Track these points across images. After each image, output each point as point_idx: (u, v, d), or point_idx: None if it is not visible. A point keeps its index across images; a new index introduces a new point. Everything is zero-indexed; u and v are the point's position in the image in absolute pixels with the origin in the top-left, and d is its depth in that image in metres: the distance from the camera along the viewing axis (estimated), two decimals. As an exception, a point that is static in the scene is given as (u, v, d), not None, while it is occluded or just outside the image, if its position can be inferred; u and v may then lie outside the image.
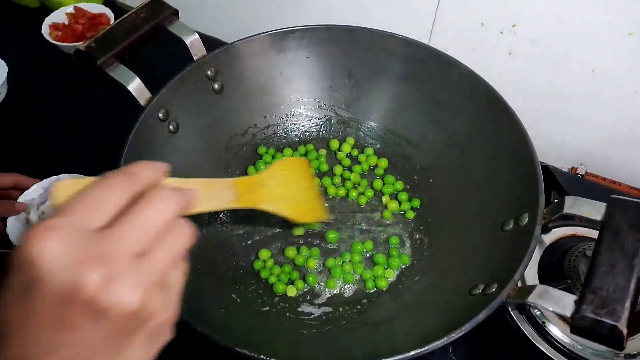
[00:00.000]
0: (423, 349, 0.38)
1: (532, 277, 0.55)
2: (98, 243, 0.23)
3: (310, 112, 0.67)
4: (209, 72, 0.58)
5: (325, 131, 0.67)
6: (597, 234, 0.39)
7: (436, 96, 0.60)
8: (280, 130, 0.67)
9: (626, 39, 0.57)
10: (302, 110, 0.67)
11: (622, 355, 0.50)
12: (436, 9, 0.66)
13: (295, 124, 0.67)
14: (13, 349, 0.23)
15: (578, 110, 0.66)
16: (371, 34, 0.60)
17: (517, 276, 0.41)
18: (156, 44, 0.55)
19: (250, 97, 0.63)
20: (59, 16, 0.83)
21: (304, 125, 0.67)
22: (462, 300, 0.46)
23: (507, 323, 0.52)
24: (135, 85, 0.51)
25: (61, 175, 0.60)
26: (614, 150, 0.68)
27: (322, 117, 0.67)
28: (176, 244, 0.27)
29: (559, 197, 0.56)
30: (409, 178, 0.63)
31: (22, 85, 0.78)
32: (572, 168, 0.70)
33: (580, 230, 0.59)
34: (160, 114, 0.53)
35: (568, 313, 0.36)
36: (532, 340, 0.51)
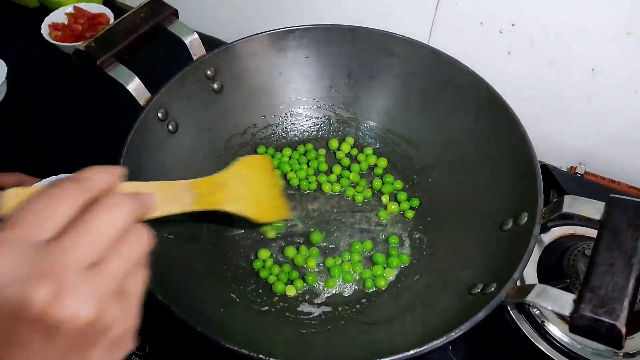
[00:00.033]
0: (422, 348, 0.38)
1: (531, 276, 0.55)
2: (46, 255, 0.22)
3: (309, 112, 0.67)
4: (208, 72, 0.58)
5: (324, 131, 0.67)
6: (596, 233, 0.39)
7: (435, 96, 0.60)
8: (280, 130, 0.67)
9: (625, 38, 0.57)
10: (302, 109, 0.67)
11: (621, 354, 0.50)
12: (435, 9, 0.66)
13: (294, 124, 0.67)
14: None
15: (577, 109, 0.66)
16: (371, 34, 0.60)
17: (516, 275, 0.41)
18: (156, 44, 0.55)
19: (249, 97, 0.63)
20: (58, 16, 0.83)
21: (303, 125, 0.67)
22: (461, 300, 0.46)
23: (506, 322, 0.52)
24: (134, 85, 0.51)
25: (60, 175, 0.60)
26: (614, 149, 0.68)
27: (321, 117, 0.67)
28: (133, 251, 0.26)
29: (558, 197, 0.56)
30: (408, 177, 0.63)
31: (21, 85, 0.78)
32: (571, 167, 0.70)
33: (579, 230, 0.59)
34: (159, 114, 0.53)
35: (567, 312, 0.36)
36: (532, 339, 0.51)
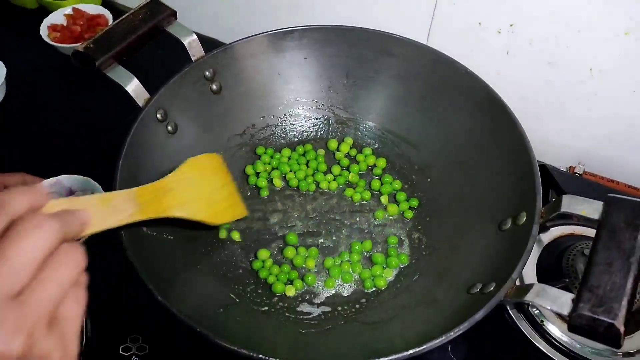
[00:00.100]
0: (421, 348, 0.38)
1: (530, 276, 0.55)
2: None
3: (308, 113, 0.67)
4: (207, 73, 0.58)
5: (323, 131, 0.68)
6: (595, 233, 0.39)
7: (434, 96, 0.60)
8: (279, 131, 0.67)
9: (623, 38, 0.57)
10: (301, 110, 0.67)
11: (621, 353, 0.50)
12: (434, 9, 0.66)
13: (293, 124, 0.67)
14: None
15: (576, 109, 0.66)
16: (369, 34, 0.60)
17: (515, 275, 0.41)
18: (154, 45, 0.55)
19: (248, 98, 0.63)
20: (57, 17, 0.83)
21: (302, 126, 0.67)
22: (460, 299, 0.46)
23: (505, 322, 0.53)
24: (133, 86, 0.51)
25: (60, 177, 0.60)
26: (612, 149, 0.69)
27: (320, 117, 0.67)
28: (63, 274, 0.24)
29: (556, 196, 0.56)
30: (407, 178, 0.63)
31: (20, 86, 0.78)
32: (570, 167, 0.70)
33: (578, 229, 0.59)
34: (158, 115, 0.54)
35: (565, 311, 0.36)
36: (531, 339, 0.51)
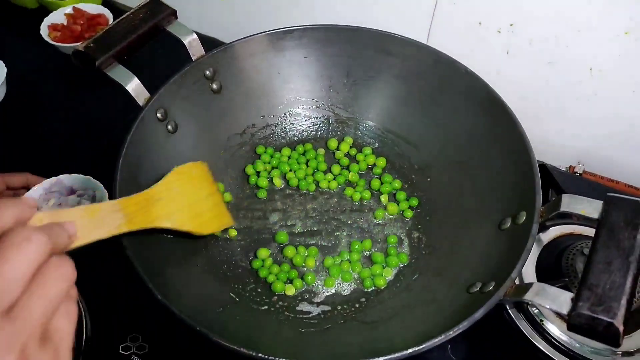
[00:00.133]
0: (421, 347, 0.38)
1: (530, 275, 0.55)
2: None
3: (308, 112, 0.67)
4: (207, 72, 0.58)
5: (323, 131, 0.68)
6: (594, 232, 0.39)
7: (434, 95, 0.60)
8: (279, 130, 0.67)
9: (623, 38, 0.57)
10: (301, 109, 0.67)
11: (620, 352, 0.50)
12: (434, 9, 0.66)
13: (293, 124, 0.67)
14: None
15: (576, 109, 0.66)
16: (369, 34, 0.60)
17: (514, 274, 0.41)
18: (155, 45, 0.55)
19: (248, 97, 0.63)
20: (57, 17, 0.83)
21: (302, 125, 0.67)
22: (460, 298, 0.46)
23: (505, 321, 0.53)
24: (133, 86, 0.51)
25: (61, 176, 0.60)
26: (612, 148, 0.69)
27: (320, 117, 0.67)
28: (53, 287, 0.24)
29: (556, 196, 0.56)
30: (407, 177, 0.63)
31: (20, 85, 0.78)
32: (569, 167, 0.70)
33: (577, 229, 0.59)
34: (158, 114, 0.54)
35: (565, 310, 0.36)
36: (530, 338, 0.51)
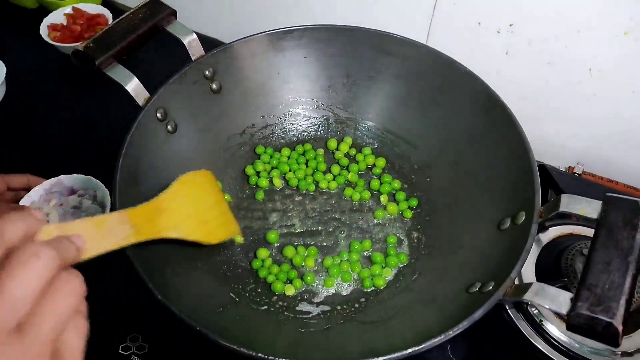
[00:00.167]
0: (420, 347, 0.38)
1: (529, 276, 0.55)
2: None
3: (308, 112, 0.67)
4: (207, 72, 0.58)
5: (323, 131, 0.68)
6: (593, 232, 0.39)
7: (434, 96, 0.60)
8: (279, 130, 0.67)
9: (622, 38, 0.57)
10: (300, 110, 0.67)
11: (619, 353, 0.50)
12: (433, 9, 0.66)
13: (293, 124, 0.67)
14: None
15: (575, 109, 0.66)
16: (369, 34, 0.60)
17: (513, 274, 0.41)
18: (154, 44, 0.55)
19: (248, 97, 0.63)
20: (57, 17, 0.83)
21: (302, 125, 0.67)
22: (459, 299, 0.46)
23: (505, 322, 0.53)
24: (133, 85, 0.51)
25: (61, 177, 0.60)
26: (611, 149, 0.69)
27: (320, 117, 0.67)
28: (63, 303, 0.24)
29: (555, 196, 0.57)
30: (407, 177, 0.63)
31: (20, 85, 0.78)
32: (569, 167, 0.70)
33: (577, 229, 0.59)
34: (158, 114, 0.54)
35: (564, 310, 0.36)
36: (530, 338, 0.51)
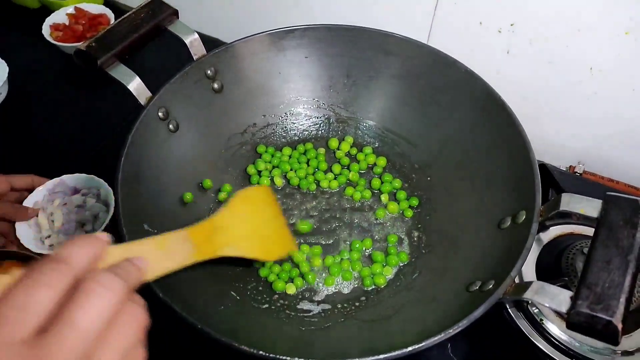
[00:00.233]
0: (420, 345, 0.38)
1: (530, 275, 0.55)
2: (33, 356, 0.21)
3: (309, 111, 0.67)
4: (208, 72, 0.58)
5: (324, 130, 0.68)
6: (593, 231, 0.39)
7: (434, 95, 0.61)
8: (280, 129, 0.67)
9: (623, 38, 0.57)
10: (301, 109, 0.67)
11: (619, 352, 0.50)
12: (435, 9, 0.66)
13: (294, 123, 0.67)
14: None
15: (576, 108, 0.67)
16: (370, 34, 0.60)
17: (514, 273, 0.41)
18: (156, 44, 0.55)
19: (249, 97, 0.64)
20: (59, 17, 0.83)
21: (303, 124, 0.68)
22: (459, 297, 0.46)
23: (505, 321, 0.53)
24: (135, 85, 0.51)
25: (63, 177, 0.60)
26: (612, 148, 0.69)
27: (321, 116, 0.68)
28: (127, 335, 0.24)
29: (556, 196, 0.57)
30: (407, 176, 0.63)
31: (22, 85, 0.79)
32: (570, 167, 0.70)
33: (577, 229, 0.59)
34: (160, 113, 0.54)
35: (564, 309, 0.36)
36: (530, 337, 0.51)
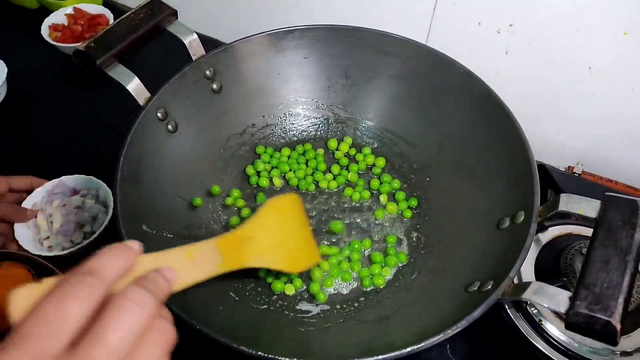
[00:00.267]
0: (419, 345, 0.38)
1: (529, 275, 0.55)
2: None
3: (308, 112, 0.67)
4: (207, 72, 0.58)
5: (323, 131, 0.68)
6: (592, 231, 0.39)
7: (433, 95, 0.61)
8: (279, 130, 0.67)
9: (621, 38, 0.57)
10: (300, 110, 0.67)
11: (618, 352, 0.50)
12: (433, 9, 0.66)
13: (293, 124, 0.67)
14: None
15: (575, 108, 0.67)
16: (369, 34, 0.60)
17: (512, 273, 0.41)
18: (155, 44, 0.55)
19: (248, 97, 0.64)
20: (58, 17, 0.83)
21: (302, 125, 0.68)
22: (458, 298, 0.46)
23: (504, 321, 0.53)
24: (134, 85, 0.51)
25: (62, 177, 0.60)
26: (611, 149, 0.69)
27: (320, 117, 0.68)
28: (155, 352, 0.24)
29: (555, 196, 0.57)
30: (406, 177, 0.63)
31: (21, 86, 0.78)
32: (568, 167, 0.70)
33: (576, 229, 0.59)
34: (159, 114, 0.54)
35: (563, 309, 0.36)
36: (529, 337, 0.51)
